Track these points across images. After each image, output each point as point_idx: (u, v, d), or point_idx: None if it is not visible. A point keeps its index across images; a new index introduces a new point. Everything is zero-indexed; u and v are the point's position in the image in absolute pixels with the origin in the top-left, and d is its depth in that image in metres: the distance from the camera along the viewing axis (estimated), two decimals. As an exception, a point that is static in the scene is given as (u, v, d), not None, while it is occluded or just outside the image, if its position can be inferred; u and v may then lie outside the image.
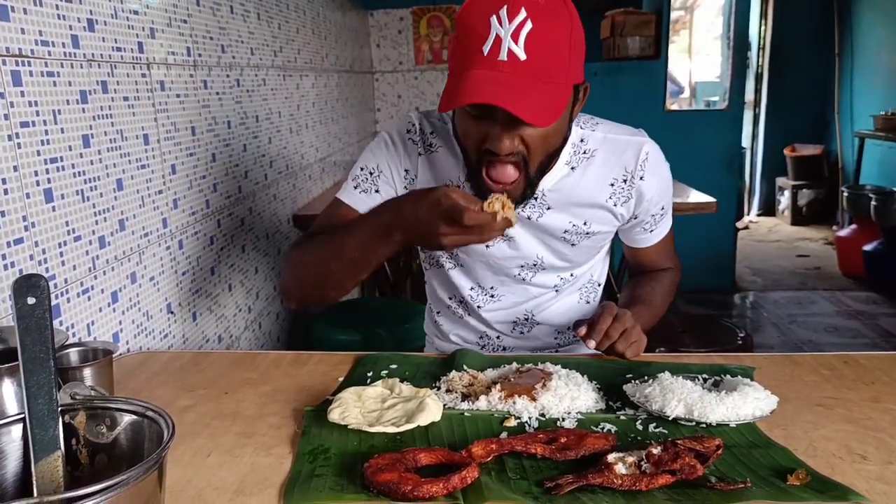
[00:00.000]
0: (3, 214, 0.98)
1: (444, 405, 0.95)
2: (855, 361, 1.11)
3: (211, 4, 1.77)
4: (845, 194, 5.14)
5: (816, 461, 0.81)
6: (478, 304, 1.32)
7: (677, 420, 0.90)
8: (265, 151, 2.18)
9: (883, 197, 4.59)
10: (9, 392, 0.75)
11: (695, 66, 6.97)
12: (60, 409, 0.63)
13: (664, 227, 1.31)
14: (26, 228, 1.03)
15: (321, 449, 0.85)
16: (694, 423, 0.89)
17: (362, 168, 1.24)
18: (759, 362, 1.11)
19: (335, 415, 0.89)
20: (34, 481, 0.62)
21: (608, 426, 0.89)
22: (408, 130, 1.24)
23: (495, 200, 0.96)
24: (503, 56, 0.95)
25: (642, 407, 0.93)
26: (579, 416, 0.92)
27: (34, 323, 0.60)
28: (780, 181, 6.41)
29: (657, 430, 0.89)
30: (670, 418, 0.90)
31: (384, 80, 4.19)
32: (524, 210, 1.19)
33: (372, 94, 4.17)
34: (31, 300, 0.59)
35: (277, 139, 2.31)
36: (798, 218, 6.21)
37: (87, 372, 0.93)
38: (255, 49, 2.12)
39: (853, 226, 4.87)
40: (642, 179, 1.19)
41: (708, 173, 4.01)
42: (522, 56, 0.95)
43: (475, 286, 1.31)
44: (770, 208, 6.66)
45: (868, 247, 4.42)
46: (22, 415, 0.63)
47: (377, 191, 1.22)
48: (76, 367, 0.94)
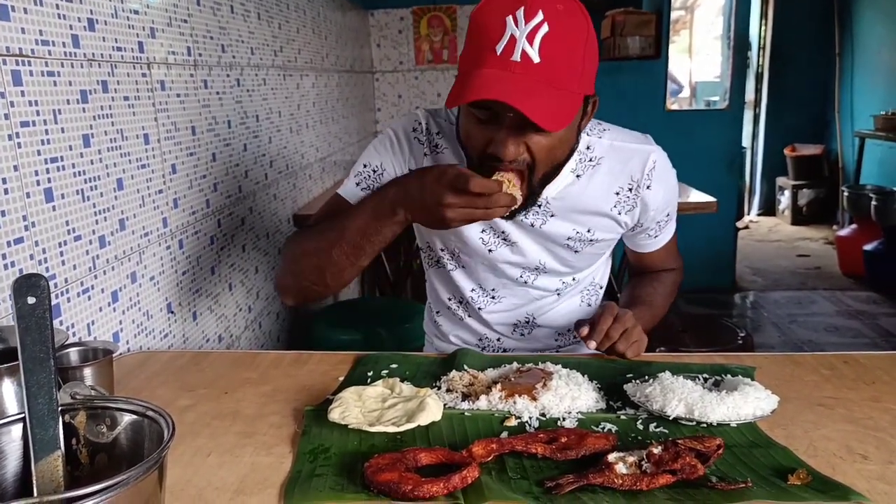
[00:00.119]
0: (4, 214, 0.98)
1: (445, 405, 0.95)
2: (855, 361, 1.11)
3: (211, 4, 1.77)
4: (846, 194, 5.14)
5: (817, 461, 0.81)
6: (479, 306, 1.31)
7: (678, 420, 0.90)
8: (265, 151, 2.18)
9: (883, 197, 4.60)
10: (9, 392, 0.75)
11: (695, 66, 6.97)
12: (60, 409, 0.63)
13: (668, 232, 1.30)
14: (26, 228, 1.03)
15: (321, 448, 0.85)
16: (694, 423, 0.89)
17: (365, 165, 1.22)
18: (760, 362, 1.11)
19: (335, 414, 0.89)
20: (34, 481, 0.62)
21: (609, 426, 0.89)
22: (414, 129, 1.21)
23: (500, 177, 0.99)
24: (516, 56, 0.93)
25: (643, 407, 0.93)
26: (580, 416, 0.92)
27: (34, 322, 0.60)
28: (781, 181, 6.41)
29: (658, 430, 0.89)
30: (671, 418, 0.90)
31: (384, 80, 4.19)
32: (527, 217, 1.18)
33: (372, 94, 4.17)
34: (32, 300, 0.59)
35: (278, 139, 2.31)
36: (798, 218, 6.21)
37: (88, 371, 0.93)
38: (256, 49, 2.12)
39: (853, 225, 4.88)
40: (648, 189, 1.18)
41: (708, 173, 4.01)
42: (536, 58, 0.93)
43: (476, 287, 1.31)
44: (770, 208, 6.66)
45: (868, 246, 4.42)
46: (22, 414, 0.63)
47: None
48: (76, 367, 0.94)
